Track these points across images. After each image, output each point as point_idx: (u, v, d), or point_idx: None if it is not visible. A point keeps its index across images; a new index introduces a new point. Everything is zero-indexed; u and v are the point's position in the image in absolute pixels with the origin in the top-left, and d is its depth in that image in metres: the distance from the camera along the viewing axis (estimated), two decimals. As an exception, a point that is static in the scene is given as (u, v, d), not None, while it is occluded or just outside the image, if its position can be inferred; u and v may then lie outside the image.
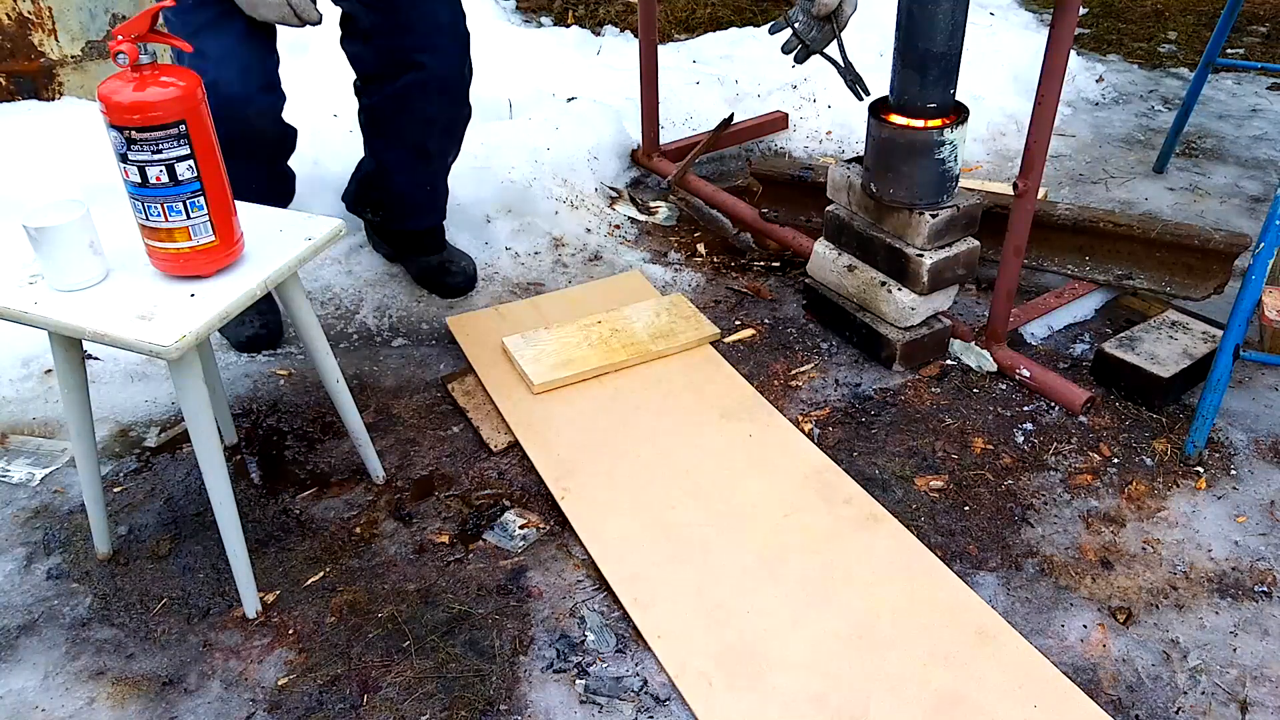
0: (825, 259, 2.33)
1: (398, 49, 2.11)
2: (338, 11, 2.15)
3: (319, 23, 1.85)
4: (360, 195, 2.47)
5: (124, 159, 1.39)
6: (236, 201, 1.53)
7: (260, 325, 2.28)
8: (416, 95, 2.17)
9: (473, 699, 1.52)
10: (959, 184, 2.11)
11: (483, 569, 1.74)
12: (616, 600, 1.66)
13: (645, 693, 1.53)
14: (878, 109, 2.08)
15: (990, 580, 1.72)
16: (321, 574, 1.74)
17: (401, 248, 2.50)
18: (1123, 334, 2.17)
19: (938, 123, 2.00)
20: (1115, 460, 1.96)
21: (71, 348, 1.56)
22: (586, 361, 2.16)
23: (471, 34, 2.18)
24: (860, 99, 2.06)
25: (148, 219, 1.44)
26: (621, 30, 4.17)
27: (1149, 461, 1.96)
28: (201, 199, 1.44)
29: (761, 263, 2.65)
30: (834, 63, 2.02)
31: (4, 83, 3.23)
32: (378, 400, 2.14)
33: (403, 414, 2.11)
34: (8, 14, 3.14)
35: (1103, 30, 4.24)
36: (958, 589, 1.66)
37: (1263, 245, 1.81)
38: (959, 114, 2.02)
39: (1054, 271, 2.42)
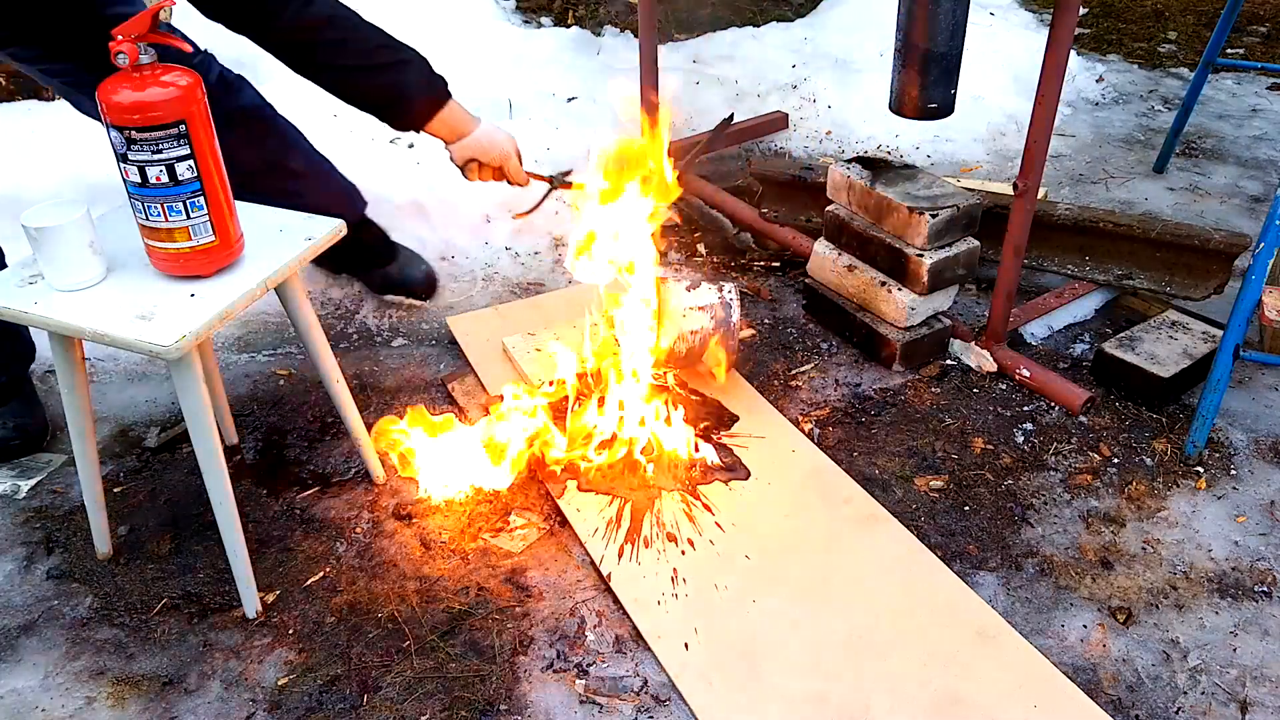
0: (825, 259, 2.33)
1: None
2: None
3: None
4: None
5: (124, 159, 1.39)
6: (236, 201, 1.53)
7: (13, 427, 1.89)
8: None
9: (473, 699, 1.52)
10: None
11: (483, 569, 1.74)
12: (616, 600, 1.66)
13: (645, 693, 1.53)
14: None
15: (990, 580, 1.71)
16: (321, 574, 1.74)
17: (351, 264, 2.40)
18: (1123, 334, 2.17)
19: None
20: (1115, 460, 1.96)
21: (71, 348, 1.56)
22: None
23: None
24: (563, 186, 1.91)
25: (148, 219, 1.44)
26: (621, 30, 4.17)
27: (1149, 461, 1.96)
28: (201, 199, 1.44)
29: (761, 263, 2.65)
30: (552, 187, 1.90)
31: (4, 83, 3.23)
32: (378, 400, 2.14)
33: (403, 414, 2.10)
34: (8, 14, 3.14)
35: (1103, 30, 4.24)
36: (958, 589, 1.66)
37: (1263, 245, 1.81)
38: None
39: (1054, 271, 2.42)
